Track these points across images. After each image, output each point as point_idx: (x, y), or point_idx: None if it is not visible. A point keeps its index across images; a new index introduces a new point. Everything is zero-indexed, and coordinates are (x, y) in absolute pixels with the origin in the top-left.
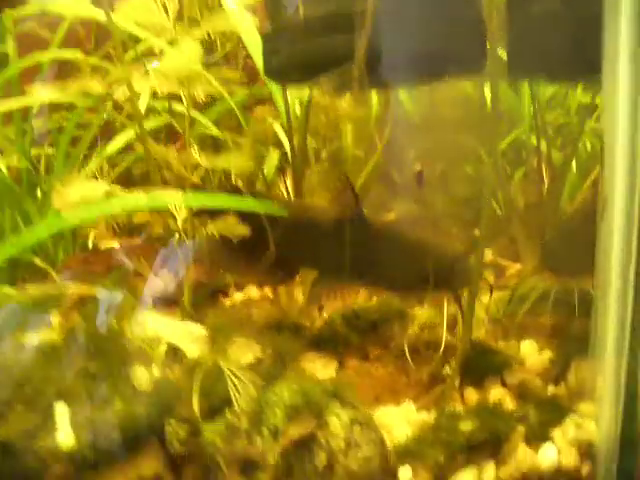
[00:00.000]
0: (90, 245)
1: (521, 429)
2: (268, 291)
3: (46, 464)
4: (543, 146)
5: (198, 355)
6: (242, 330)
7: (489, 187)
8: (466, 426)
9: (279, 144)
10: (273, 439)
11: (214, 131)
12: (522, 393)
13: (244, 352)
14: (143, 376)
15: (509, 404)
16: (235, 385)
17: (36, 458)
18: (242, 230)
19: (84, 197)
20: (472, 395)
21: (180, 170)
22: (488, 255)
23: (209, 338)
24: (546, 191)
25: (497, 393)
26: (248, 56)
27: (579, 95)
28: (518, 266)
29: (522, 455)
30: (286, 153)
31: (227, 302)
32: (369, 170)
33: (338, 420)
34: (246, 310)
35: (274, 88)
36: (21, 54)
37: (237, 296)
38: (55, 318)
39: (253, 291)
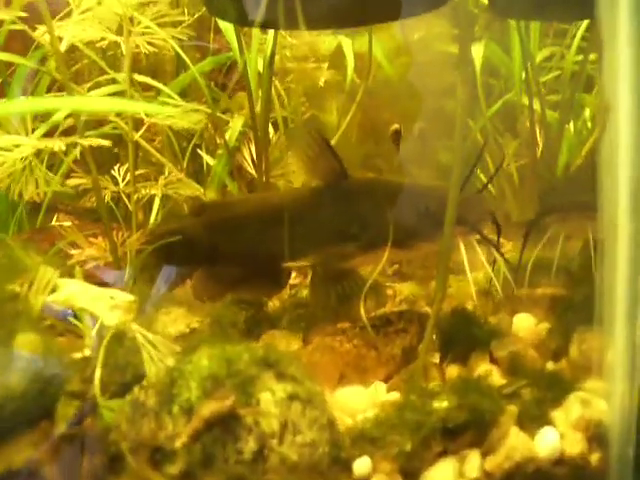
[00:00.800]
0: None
1: (513, 409)
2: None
3: None
4: (537, 106)
5: (115, 323)
6: (183, 303)
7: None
8: (440, 404)
9: None
10: (186, 419)
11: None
12: (513, 368)
13: (178, 322)
14: (32, 344)
15: (497, 380)
16: (151, 356)
17: None
18: None
19: None
20: (454, 373)
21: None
22: None
23: (139, 308)
24: (540, 154)
25: (484, 370)
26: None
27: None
28: (510, 244)
29: (515, 441)
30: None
31: None
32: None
33: (271, 396)
34: None
35: (236, 50)
36: None
37: None
38: None
39: None
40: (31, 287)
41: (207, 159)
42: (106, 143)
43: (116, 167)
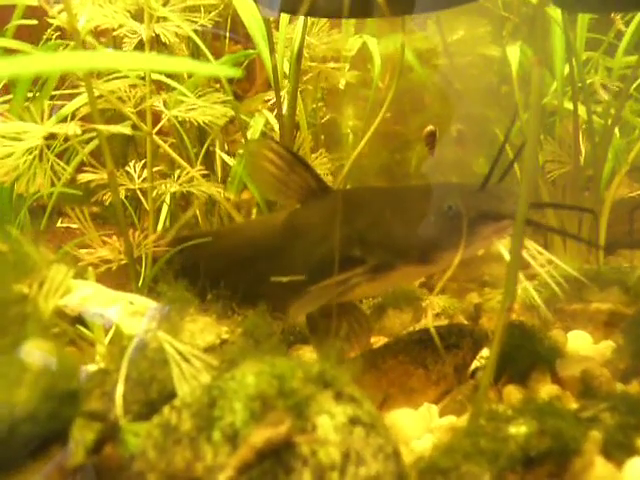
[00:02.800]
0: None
1: (597, 436)
2: None
3: None
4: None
5: (137, 332)
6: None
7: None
8: (518, 429)
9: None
10: (229, 448)
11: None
12: (586, 389)
13: (206, 332)
14: (43, 354)
15: (569, 404)
16: (182, 371)
17: None
18: None
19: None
20: (513, 394)
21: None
22: (508, 245)
23: (161, 316)
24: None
25: (549, 390)
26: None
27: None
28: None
29: (601, 472)
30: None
31: None
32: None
33: (331, 420)
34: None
35: (261, 46)
36: None
37: None
38: None
39: None
40: (42, 288)
41: (226, 159)
42: (127, 131)
43: (131, 164)
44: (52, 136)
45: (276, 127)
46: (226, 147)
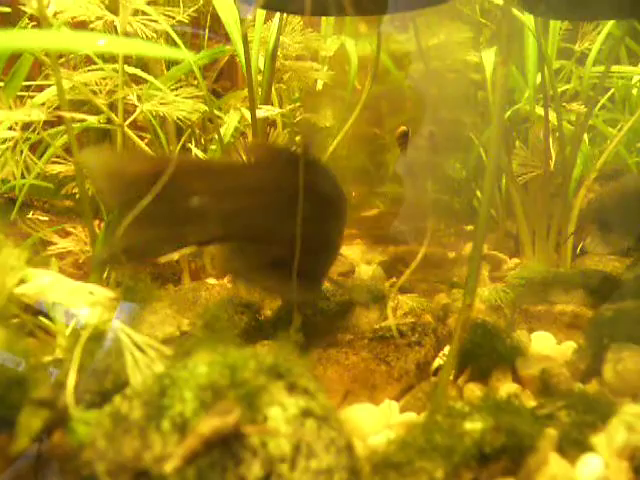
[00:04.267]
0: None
1: (552, 433)
2: (227, 280)
3: None
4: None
5: (95, 322)
6: (173, 305)
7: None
8: (474, 426)
9: None
10: (178, 437)
11: (169, 96)
12: (545, 388)
13: (166, 324)
14: None
15: (528, 402)
16: (136, 361)
17: None
18: None
19: None
20: (474, 391)
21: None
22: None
23: (121, 307)
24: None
25: (509, 389)
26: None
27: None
28: (516, 260)
29: (555, 469)
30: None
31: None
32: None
33: (282, 412)
34: (193, 293)
35: (237, 43)
36: None
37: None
38: None
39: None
40: None
41: (199, 154)
42: (92, 120)
43: None
44: (25, 127)
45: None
46: (203, 144)
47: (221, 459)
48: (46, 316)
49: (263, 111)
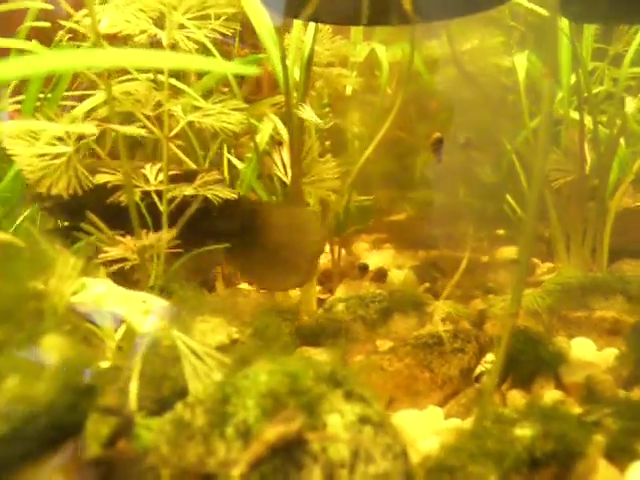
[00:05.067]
0: None
1: (600, 440)
2: None
3: None
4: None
5: (149, 330)
6: (217, 312)
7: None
8: (524, 432)
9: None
10: (241, 443)
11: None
12: (588, 395)
13: (217, 332)
14: (60, 349)
15: (573, 409)
16: (195, 369)
17: None
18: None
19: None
20: (517, 398)
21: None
22: (513, 252)
23: (170, 315)
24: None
25: (552, 396)
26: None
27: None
28: (549, 264)
29: (604, 476)
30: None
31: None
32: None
33: (341, 418)
34: (231, 299)
35: (271, 51)
36: None
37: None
38: None
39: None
40: (56, 284)
41: (236, 162)
42: (143, 133)
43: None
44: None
45: (283, 132)
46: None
47: (283, 465)
48: (91, 322)
49: (307, 112)
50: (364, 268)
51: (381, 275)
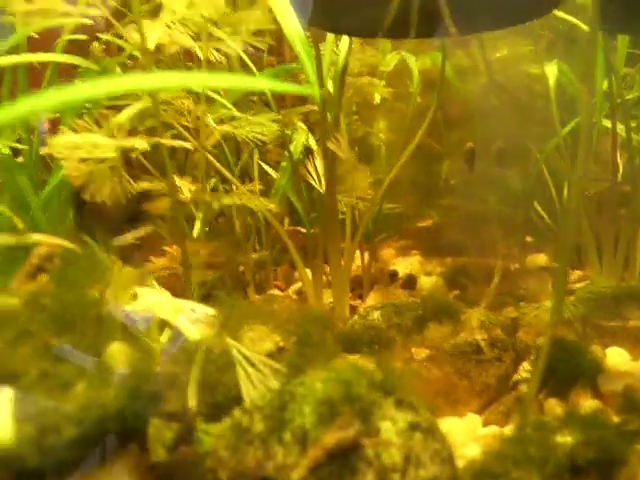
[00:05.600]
0: None
1: (639, 449)
2: (291, 292)
3: None
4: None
5: (200, 338)
6: (257, 319)
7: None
8: (565, 439)
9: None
10: (299, 448)
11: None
12: (626, 405)
13: (262, 340)
14: (123, 356)
15: (611, 418)
16: (249, 376)
17: None
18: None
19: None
20: (555, 406)
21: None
22: (542, 259)
23: (219, 323)
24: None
25: (590, 405)
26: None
27: None
28: (578, 272)
29: None
30: None
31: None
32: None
33: (393, 425)
34: (267, 306)
35: (306, 64)
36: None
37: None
38: (17, 277)
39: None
40: (112, 292)
41: (270, 172)
42: (189, 146)
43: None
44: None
45: (312, 142)
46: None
47: (339, 469)
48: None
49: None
50: (394, 275)
51: (411, 282)
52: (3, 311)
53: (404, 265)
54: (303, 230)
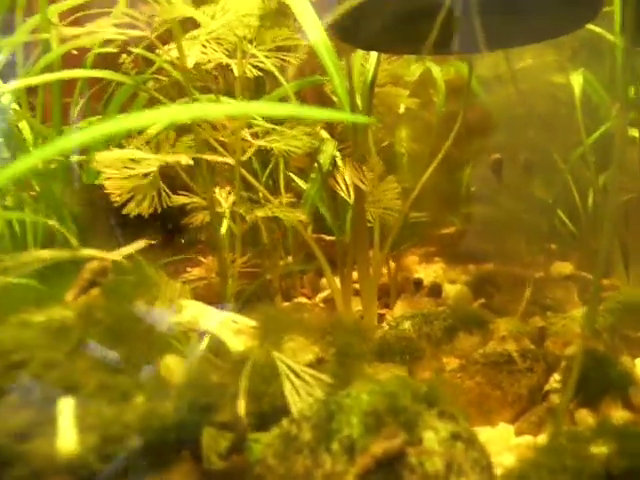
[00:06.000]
0: None
1: None
2: (318, 300)
3: (38, 474)
4: None
5: (244, 349)
6: (295, 330)
7: None
8: (600, 449)
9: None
10: (347, 457)
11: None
12: None
13: (302, 351)
14: (176, 368)
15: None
16: (295, 386)
17: (26, 465)
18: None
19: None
20: (586, 417)
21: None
22: (567, 268)
23: (259, 334)
24: None
25: (621, 416)
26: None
27: None
28: (604, 281)
29: None
30: None
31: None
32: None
33: (435, 435)
34: (297, 314)
35: (334, 78)
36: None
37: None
38: (70, 291)
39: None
40: (159, 305)
41: (300, 183)
42: (230, 161)
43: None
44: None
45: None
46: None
47: (385, 477)
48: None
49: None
50: (418, 283)
51: (436, 290)
52: (59, 323)
53: (427, 272)
54: (327, 238)
